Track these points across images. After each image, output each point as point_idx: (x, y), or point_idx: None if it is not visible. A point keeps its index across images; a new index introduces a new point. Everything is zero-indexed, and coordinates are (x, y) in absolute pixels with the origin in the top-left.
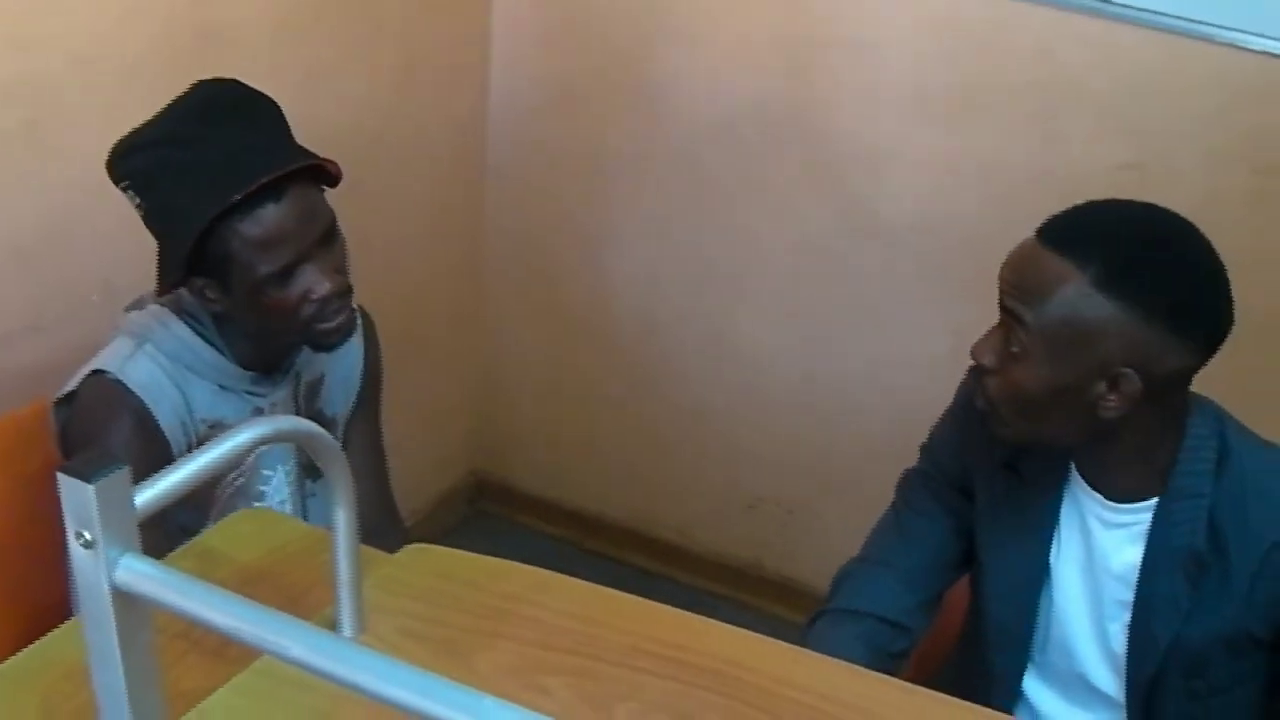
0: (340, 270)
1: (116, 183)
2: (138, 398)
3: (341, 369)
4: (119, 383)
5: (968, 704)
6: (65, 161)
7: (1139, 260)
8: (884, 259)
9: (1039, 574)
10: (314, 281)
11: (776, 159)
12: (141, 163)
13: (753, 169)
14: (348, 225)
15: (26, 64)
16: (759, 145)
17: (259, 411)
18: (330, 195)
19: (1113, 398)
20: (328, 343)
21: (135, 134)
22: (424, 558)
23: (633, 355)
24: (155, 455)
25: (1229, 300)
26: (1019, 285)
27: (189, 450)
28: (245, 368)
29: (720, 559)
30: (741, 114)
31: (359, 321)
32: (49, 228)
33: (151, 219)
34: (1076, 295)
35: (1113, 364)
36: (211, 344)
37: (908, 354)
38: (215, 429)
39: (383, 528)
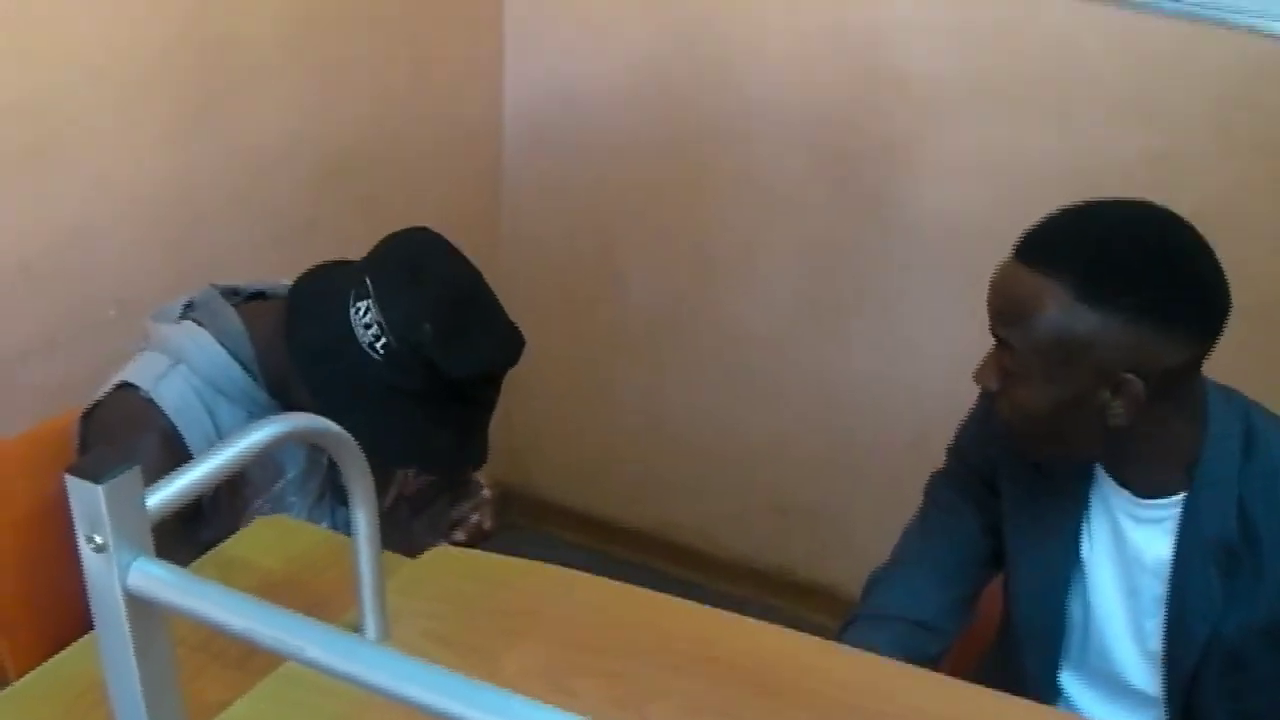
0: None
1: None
2: (168, 418)
3: None
4: (150, 401)
5: (1006, 695)
6: (77, 177)
7: (1115, 264)
8: (899, 253)
9: (1068, 572)
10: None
11: (787, 154)
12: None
13: (763, 164)
14: (360, 234)
15: (37, 78)
16: (769, 140)
17: None
18: (342, 204)
19: (1118, 404)
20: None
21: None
22: (446, 561)
23: (651, 357)
24: None
25: (1218, 285)
26: (1002, 310)
27: None
28: (275, 396)
29: (748, 564)
30: (753, 109)
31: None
32: (61, 244)
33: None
34: (1059, 311)
35: (1111, 371)
36: (244, 366)
37: (928, 349)
38: None
39: None
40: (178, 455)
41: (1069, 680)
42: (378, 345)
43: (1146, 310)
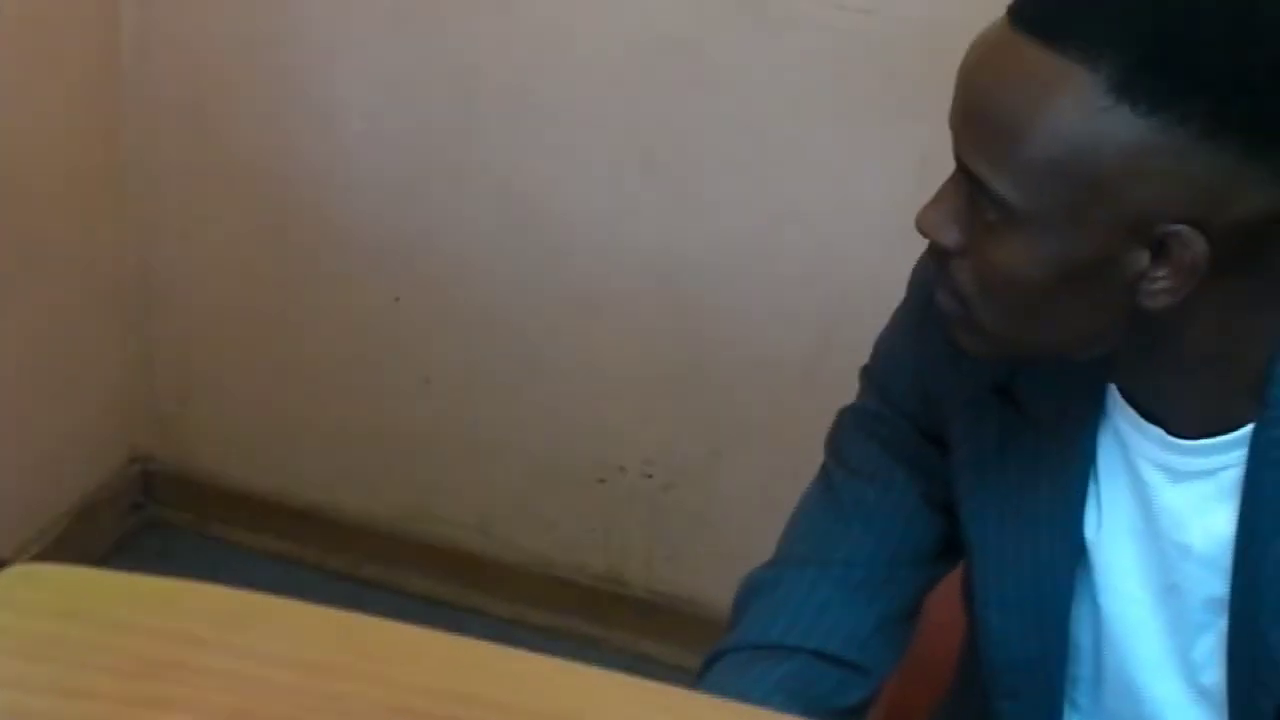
0: None
1: None
2: None
3: None
4: None
5: None
6: None
7: (1181, 42)
8: (789, 50)
9: (1068, 565)
10: None
11: None
12: None
13: None
14: None
15: None
16: None
17: None
18: None
19: (1162, 274)
20: None
21: None
22: (33, 586)
23: (381, 242)
24: None
25: None
26: (984, 113)
27: None
28: None
29: (550, 570)
30: None
31: None
32: None
33: None
34: (1081, 113)
35: (1156, 219)
36: None
37: (832, 208)
38: None
39: None
40: None
41: None
42: None
43: (1228, 122)
